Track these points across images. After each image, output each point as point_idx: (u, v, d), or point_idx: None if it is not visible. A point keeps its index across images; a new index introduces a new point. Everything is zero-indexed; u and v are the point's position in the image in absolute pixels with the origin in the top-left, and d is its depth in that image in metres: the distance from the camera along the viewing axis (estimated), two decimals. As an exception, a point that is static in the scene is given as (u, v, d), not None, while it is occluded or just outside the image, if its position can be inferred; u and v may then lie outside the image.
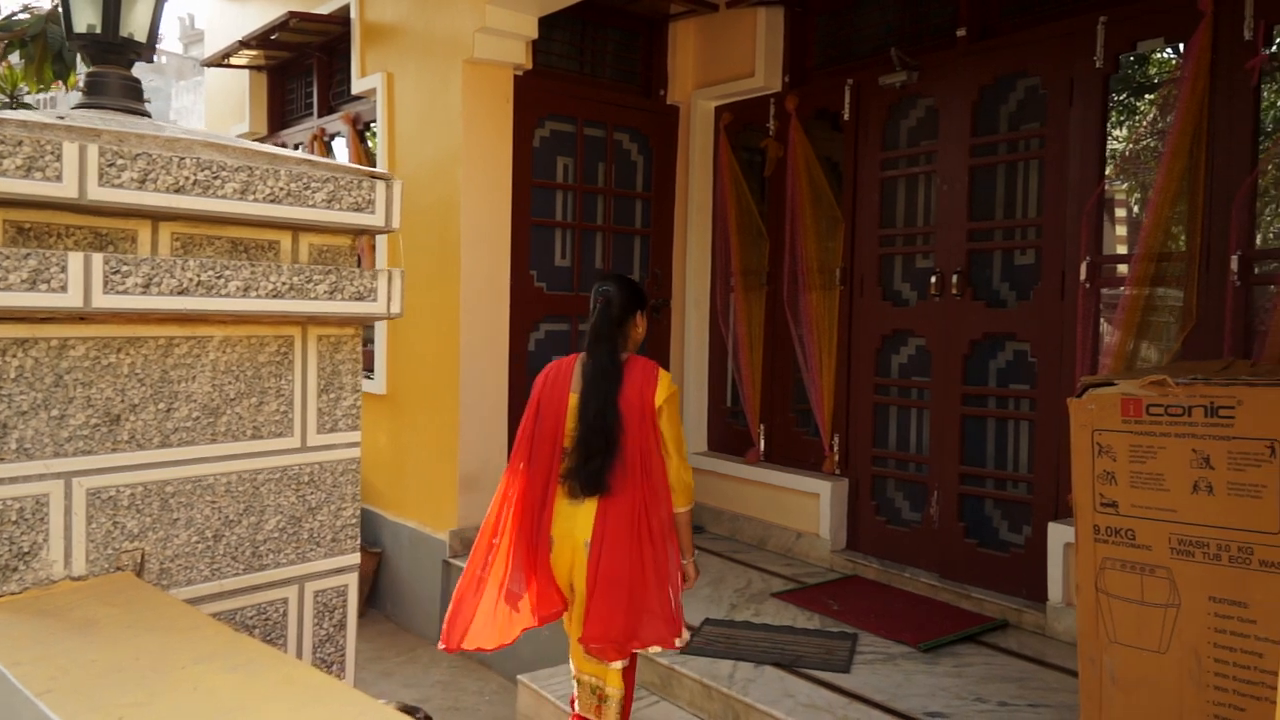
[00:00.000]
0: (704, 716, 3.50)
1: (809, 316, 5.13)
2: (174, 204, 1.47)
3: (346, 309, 1.67)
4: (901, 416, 4.97)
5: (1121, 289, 3.85)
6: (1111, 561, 2.69)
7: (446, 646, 3.06)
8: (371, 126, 5.89)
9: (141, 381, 1.53)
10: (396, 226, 1.75)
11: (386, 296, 1.71)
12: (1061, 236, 4.11)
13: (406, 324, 5.34)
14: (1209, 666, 2.52)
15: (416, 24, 5.25)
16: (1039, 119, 4.34)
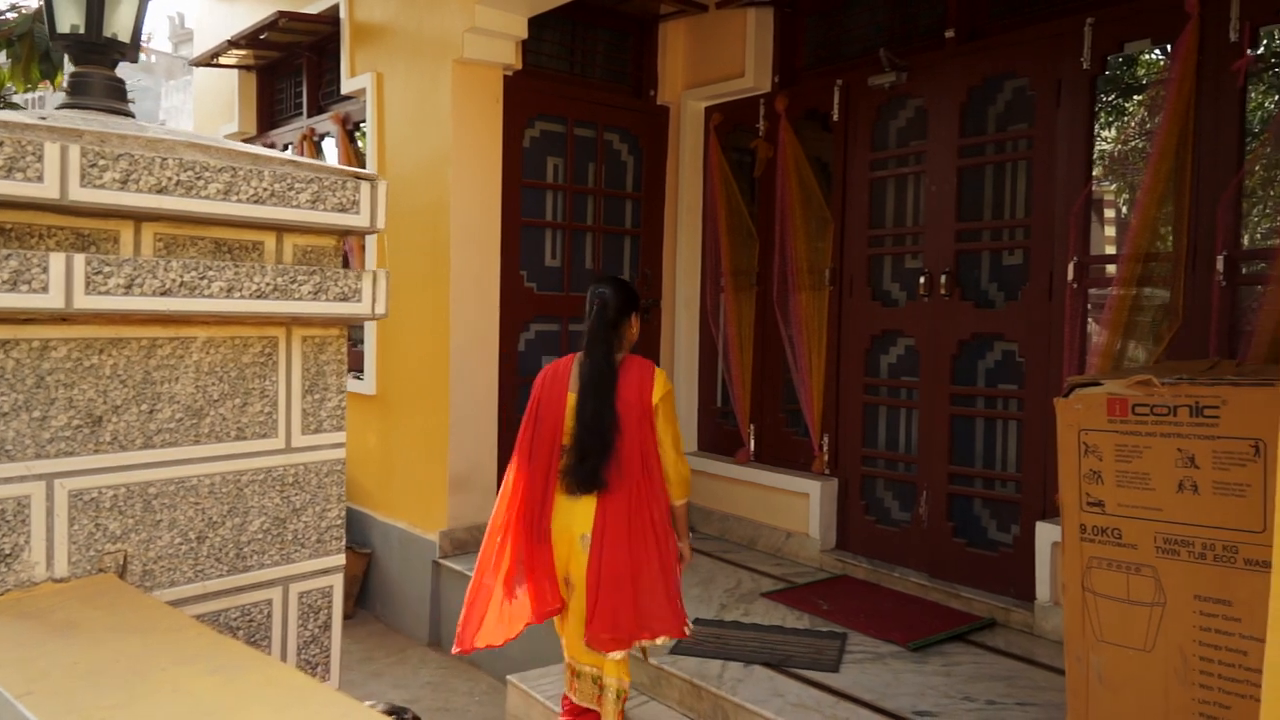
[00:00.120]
0: (693, 716, 3.50)
1: (799, 317, 5.14)
2: (156, 204, 1.47)
3: (331, 310, 1.67)
4: (891, 416, 4.98)
5: (1109, 289, 3.87)
6: (1098, 560, 2.70)
7: (461, 649, 3.13)
8: (361, 127, 5.88)
9: (124, 383, 1.52)
10: (382, 227, 1.75)
11: (371, 297, 1.71)
12: (1049, 237, 4.12)
13: (396, 325, 5.33)
14: (1194, 665, 2.53)
15: (406, 24, 5.25)
16: (1027, 120, 4.35)
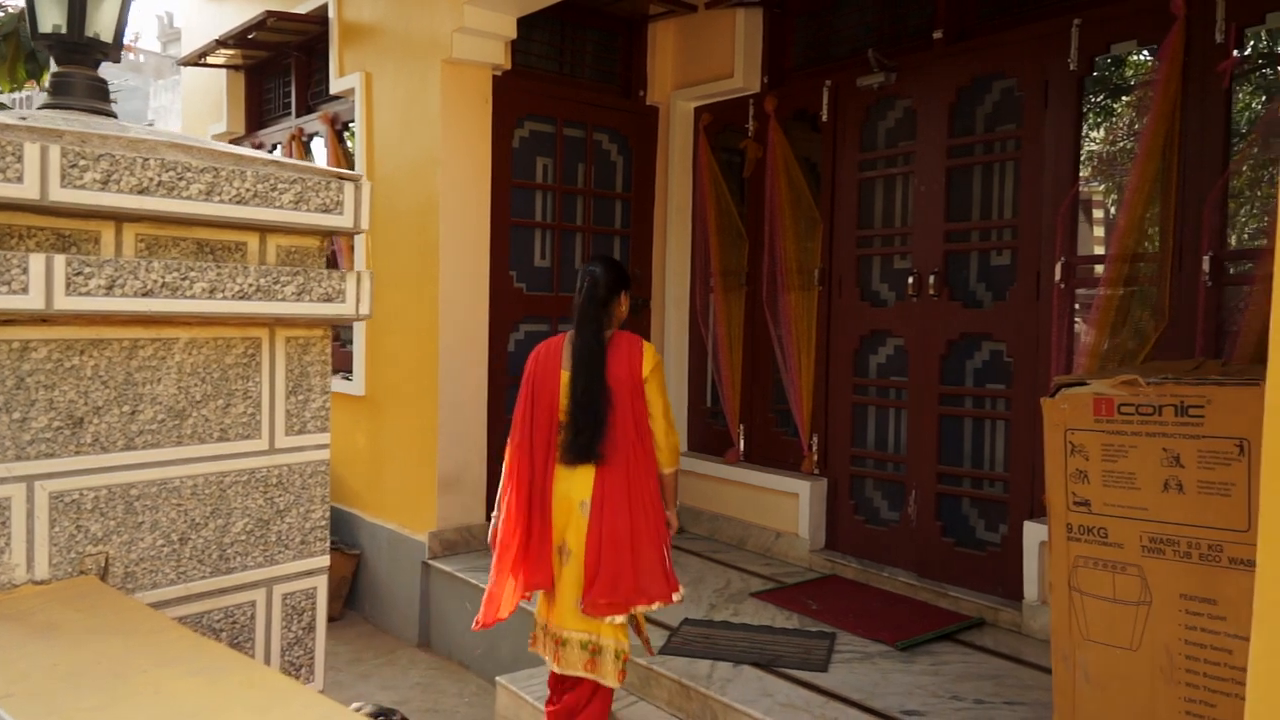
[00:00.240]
0: (682, 716, 3.50)
1: (788, 317, 5.14)
2: (138, 205, 1.46)
3: (315, 310, 1.66)
4: (880, 416, 4.99)
5: (1096, 289, 3.88)
6: (1084, 560, 2.71)
7: (484, 624, 3.23)
8: (350, 126, 5.87)
9: (105, 384, 1.52)
10: (366, 228, 1.75)
11: (355, 298, 1.71)
12: (1037, 237, 4.14)
13: (386, 325, 5.32)
14: (1180, 663, 2.54)
15: (395, 24, 5.23)
16: (1015, 120, 4.36)
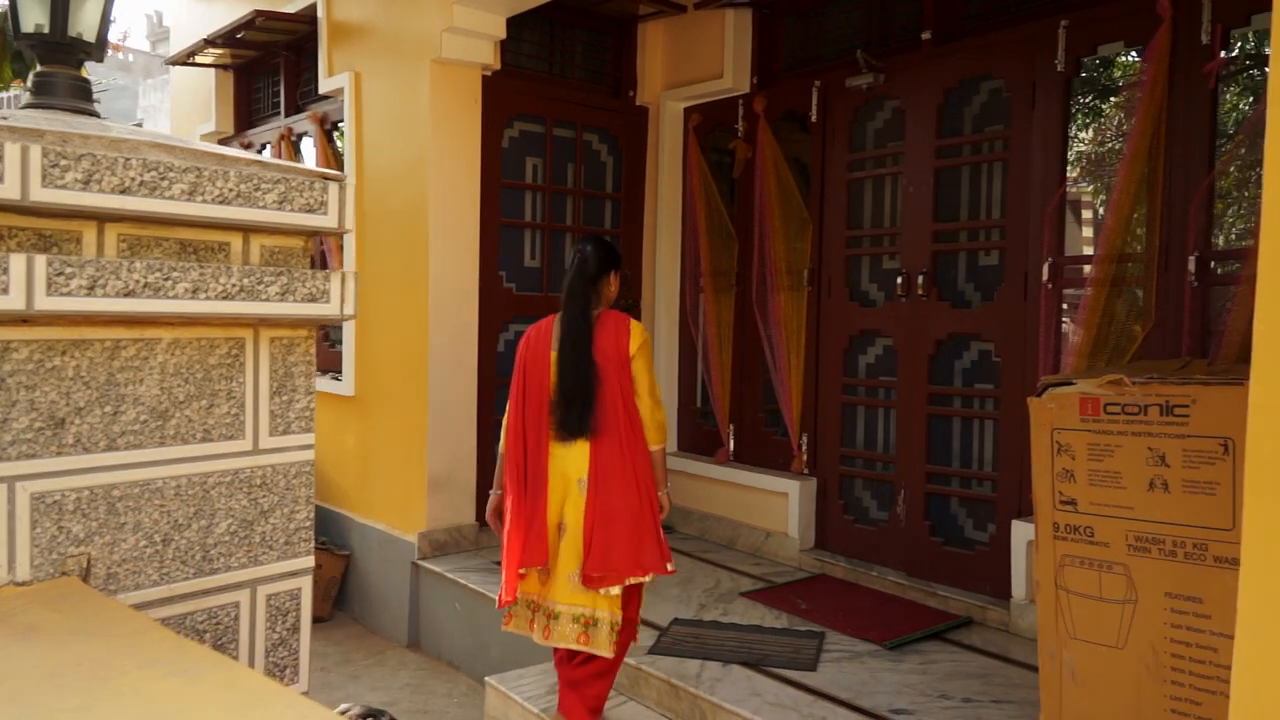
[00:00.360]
0: (671, 716, 3.50)
1: (777, 317, 5.15)
2: (120, 205, 1.46)
3: (299, 311, 1.66)
4: (869, 416, 5.00)
5: (1083, 289, 3.89)
6: (1070, 558, 2.72)
7: (510, 599, 3.26)
8: (339, 126, 5.85)
9: (87, 384, 1.51)
10: (350, 228, 1.74)
11: (340, 298, 1.71)
12: (1024, 238, 4.15)
13: (375, 325, 5.31)
14: (1166, 661, 2.55)
15: (384, 24, 5.23)
16: (1003, 121, 4.38)
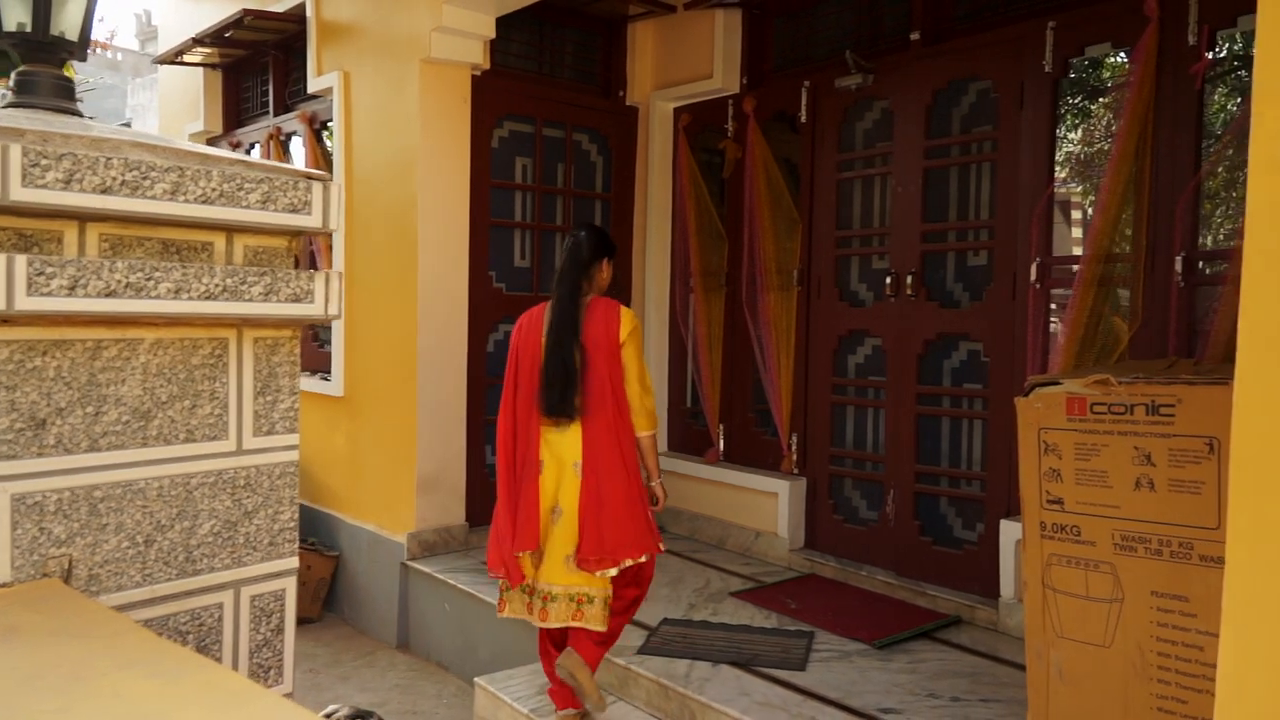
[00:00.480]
0: (661, 716, 3.50)
1: (767, 317, 5.16)
2: (101, 205, 1.45)
3: (283, 311, 1.66)
4: (858, 416, 5.01)
5: (1071, 289, 3.91)
6: (1057, 558, 2.73)
7: (519, 579, 3.30)
8: (329, 126, 5.84)
9: (68, 385, 1.50)
10: (334, 228, 1.74)
11: (324, 298, 1.70)
12: (1013, 238, 4.16)
13: (364, 325, 5.30)
14: (1152, 660, 2.56)
15: (373, 23, 5.21)
16: (991, 122, 4.39)
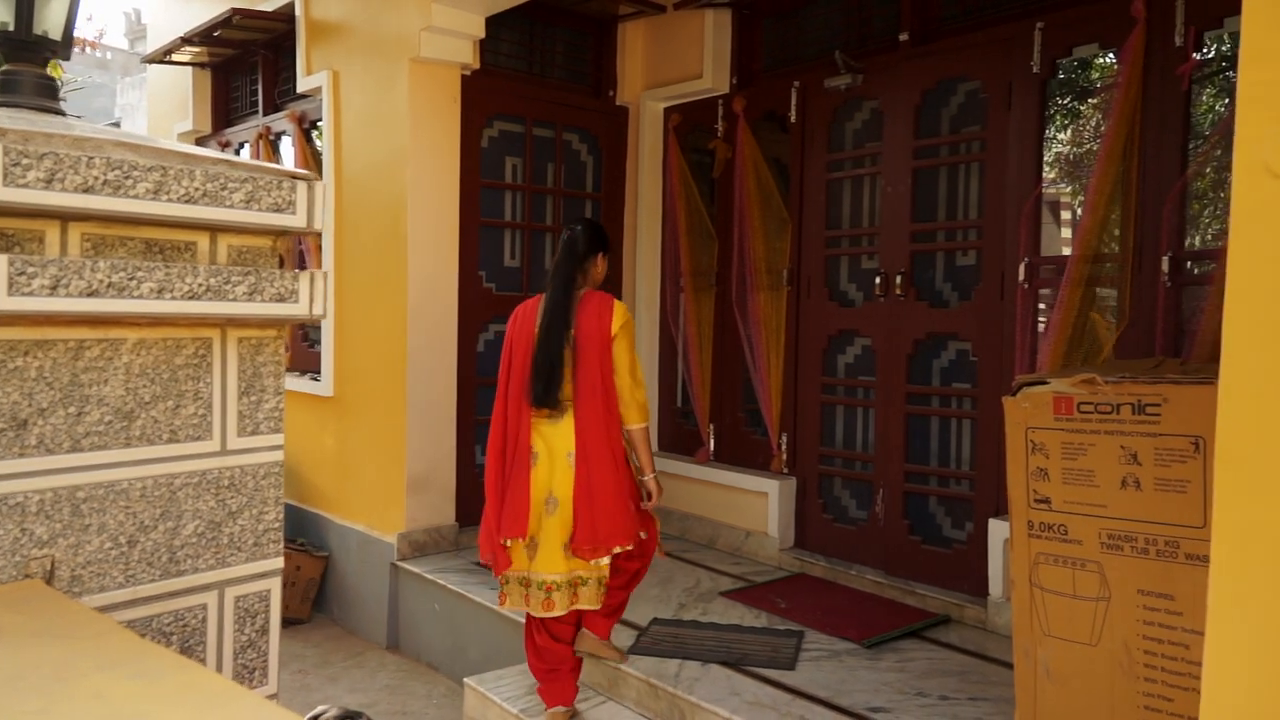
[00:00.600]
0: (650, 716, 3.50)
1: (757, 317, 5.16)
2: (83, 204, 1.45)
3: (267, 311, 1.65)
4: (848, 416, 5.01)
5: (1059, 289, 3.92)
6: (1045, 556, 2.73)
7: (506, 566, 3.35)
8: (318, 125, 5.82)
9: (50, 385, 1.50)
10: (320, 227, 1.73)
11: (309, 298, 1.70)
12: (1001, 238, 4.17)
13: (354, 325, 5.28)
14: (1138, 658, 2.57)
15: (362, 22, 5.20)
16: (979, 122, 4.40)
